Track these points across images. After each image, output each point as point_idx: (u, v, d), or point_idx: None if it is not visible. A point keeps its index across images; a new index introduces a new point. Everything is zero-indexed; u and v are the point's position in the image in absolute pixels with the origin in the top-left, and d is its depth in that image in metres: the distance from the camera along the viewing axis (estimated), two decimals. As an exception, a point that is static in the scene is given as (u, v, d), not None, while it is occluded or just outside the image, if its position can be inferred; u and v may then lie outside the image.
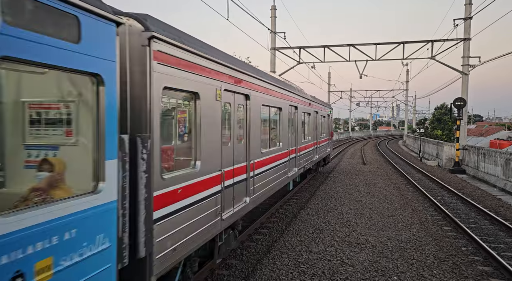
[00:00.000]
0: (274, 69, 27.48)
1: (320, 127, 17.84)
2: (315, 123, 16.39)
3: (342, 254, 8.22)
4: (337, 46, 27.58)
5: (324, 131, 19.56)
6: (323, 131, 19.16)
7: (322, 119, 18.47)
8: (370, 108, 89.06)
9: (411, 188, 17.11)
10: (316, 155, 16.82)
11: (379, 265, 7.66)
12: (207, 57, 5.32)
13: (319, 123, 17.49)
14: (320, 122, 17.98)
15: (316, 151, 16.81)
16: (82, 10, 2.94)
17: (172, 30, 4.59)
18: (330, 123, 22.36)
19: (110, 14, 3.23)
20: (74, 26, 2.89)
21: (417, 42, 26.04)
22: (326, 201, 13.77)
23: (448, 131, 46.48)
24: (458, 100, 23.78)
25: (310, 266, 7.52)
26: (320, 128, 17.84)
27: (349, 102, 77.29)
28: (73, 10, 2.86)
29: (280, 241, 9.05)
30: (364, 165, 25.96)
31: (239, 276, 7.01)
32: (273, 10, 26.70)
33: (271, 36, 26.46)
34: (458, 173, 22.63)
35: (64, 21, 2.79)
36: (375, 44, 26.62)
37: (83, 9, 2.95)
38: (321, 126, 18.20)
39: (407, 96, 68.40)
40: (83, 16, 2.94)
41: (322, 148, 18.39)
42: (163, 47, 4.19)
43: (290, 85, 12.21)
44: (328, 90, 62.33)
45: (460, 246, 8.98)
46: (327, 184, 17.64)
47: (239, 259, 7.85)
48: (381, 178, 19.97)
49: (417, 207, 13.11)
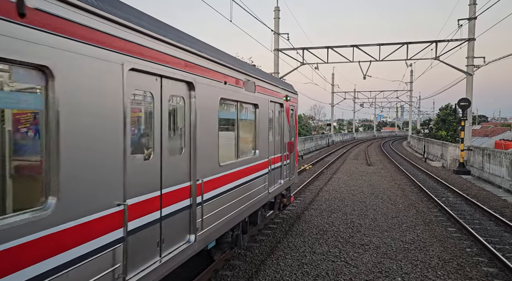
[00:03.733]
0: (277, 70, 27.51)
1: (268, 131, 8.54)
2: (259, 123, 7.93)
3: (346, 255, 8.20)
4: (341, 47, 27.55)
5: (278, 139, 9.48)
6: (275, 138, 9.21)
7: (271, 114, 8.89)
8: (374, 109, 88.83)
9: (415, 189, 17.04)
10: (253, 202, 7.55)
11: (383, 266, 7.64)
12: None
13: (264, 123, 8.24)
14: (268, 119, 8.60)
15: (254, 188, 7.63)
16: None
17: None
18: (286, 122, 10.17)
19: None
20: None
21: (421, 43, 25.96)
22: (329, 202, 13.75)
23: (452, 131, 46.25)
24: (462, 101, 23.67)
25: (313, 267, 7.51)
26: (267, 133, 8.50)
27: (353, 103, 77.17)
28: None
29: (284, 242, 9.05)
30: (368, 166, 25.89)
31: (242, 277, 7.02)
32: (276, 11, 26.74)
33: (274, 37, 26.50)
34: (463, 174, 22.50)
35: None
36: (379, 45, 26.57)
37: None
38: (269, 129, 8.68)
39: (411, 96, 68.23)
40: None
41: (271, 178, 8.76)
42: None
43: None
44: (332, 91, 62.29)
45: (465, 247, 8.93)
46: (331, 185, 17.61)
47: (243, 260, 7.86)
48: (385, 179, 19.90)
49: (422, 208, 13.05)
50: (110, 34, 3.45)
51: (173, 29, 4.88)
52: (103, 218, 3.40)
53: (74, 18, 3.03)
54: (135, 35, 3.80)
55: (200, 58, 5.16)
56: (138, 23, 3.89)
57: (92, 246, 3.26)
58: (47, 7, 2.79)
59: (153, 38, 4.12)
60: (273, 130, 9.01)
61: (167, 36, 4.41)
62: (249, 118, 7.60)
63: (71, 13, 3.01)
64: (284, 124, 9.96)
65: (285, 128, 10.07)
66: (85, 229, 3.18)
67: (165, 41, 4.34)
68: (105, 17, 3.36)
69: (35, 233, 2.70)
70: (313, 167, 25.09)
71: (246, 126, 7.48)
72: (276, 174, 9.17)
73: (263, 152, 8.12)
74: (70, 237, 3.02)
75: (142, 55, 3.93)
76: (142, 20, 4.05)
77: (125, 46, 3.65)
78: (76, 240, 3.08)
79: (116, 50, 3.52)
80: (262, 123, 8.08)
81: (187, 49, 4.80)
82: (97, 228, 3.31)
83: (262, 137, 8.06)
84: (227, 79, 6.11)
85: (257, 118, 7.77)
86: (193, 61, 4.98)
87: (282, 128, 9.79)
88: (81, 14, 3.10)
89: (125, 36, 3.65)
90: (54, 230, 2.87)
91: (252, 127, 7.72)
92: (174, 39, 4.55)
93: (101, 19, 3.33)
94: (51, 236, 2.84)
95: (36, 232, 2.71)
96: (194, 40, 5.40)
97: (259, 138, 7.85)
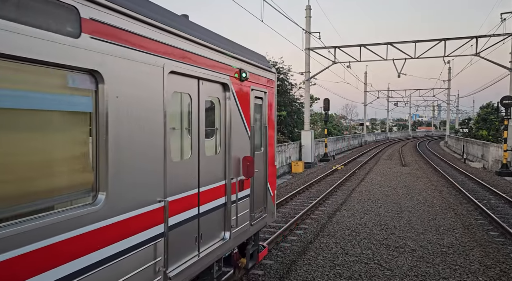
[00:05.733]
0: (308, 69, 27.29)
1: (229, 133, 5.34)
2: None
3: (380, 257, 8.00)
4: (374, 44, 26.91)
5: (212, 156, 4.95)
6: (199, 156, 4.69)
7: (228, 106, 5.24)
8: (409, 108, 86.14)
9: (453, 190, 16.34)
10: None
11: (419, 269, 7.38)
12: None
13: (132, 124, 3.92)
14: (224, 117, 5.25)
15: None
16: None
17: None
18: (240, 119, 5.57)
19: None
20: None
21: (460, 39, 24.88)
22: (362, 203, 13.46)
23: (494, 131, 43.92)
24: (505, 99, 22.45)
25: (346, 269, 7.38)
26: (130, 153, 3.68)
27: (387, 102, 75.15)
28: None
29: (315, 242, 8.96)
30: (402, 167, 25.12)
31: (274, 277, 7.01)
32: (307, 10, 26.51)
33: (305, 36, 26.28)
34: (506, 175, 21.35)
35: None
36: (414, 42, 25.72)
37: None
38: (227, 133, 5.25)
39: (449, 95, 65.51)
40: None
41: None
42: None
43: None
44: (365, 90, 60.99)
45: (509, 253, 8.46)
46: (364, 186, 17.24)
47: (274, 259, 7.85)
48: (421, 180, 19.23)
49: (460, 210, 12.49)
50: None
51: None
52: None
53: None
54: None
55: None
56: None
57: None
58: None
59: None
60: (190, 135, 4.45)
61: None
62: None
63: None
64: (236, 124, 5.34)
65: (238, 131, 5.40)
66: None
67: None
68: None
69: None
70: (345, 167, 24.68)
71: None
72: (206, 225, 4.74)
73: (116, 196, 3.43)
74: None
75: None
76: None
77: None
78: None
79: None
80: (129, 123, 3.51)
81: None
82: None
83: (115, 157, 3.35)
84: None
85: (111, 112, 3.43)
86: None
87: (229, 133, 5.15)
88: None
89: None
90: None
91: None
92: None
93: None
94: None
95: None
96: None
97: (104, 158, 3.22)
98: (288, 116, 32.03)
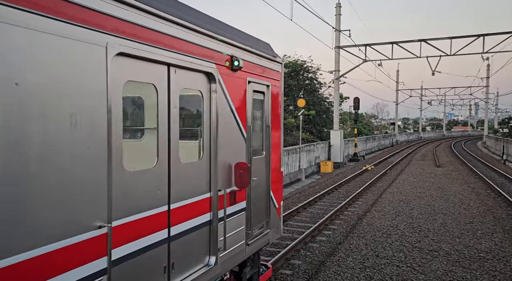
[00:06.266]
0: (338, 68, 26.87)
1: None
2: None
3: (412, 261, 7.74)
4: (407, 42, 26.08)
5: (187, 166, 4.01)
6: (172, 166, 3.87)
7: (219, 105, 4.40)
8: (444, 107, 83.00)
9: (492, 193, 15.57)
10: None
11: (455, 275, 7.08)
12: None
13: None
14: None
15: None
16: None
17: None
18: (232, 117, 4.64)
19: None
20: None
21: (500, 34, 23.65)
22: (393, 204, 13.09)
23: (537, 131, 41.53)
24: (550, 96, 21.13)
25: (377, 271, 7.19)
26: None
27: (420, 100, 72.73)
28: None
29: (345, 243, 8.79)
30: (437, 168, 24.23)
31: (302, 277, 6.94)
32: (337, 7, 26.11)
33: (335, 34, 25.88)
34: (550, 178, 20.09)
35: None
36: (450, 38, 24.70)
37: None
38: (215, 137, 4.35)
39: (487, 93, 62.43)
40: None
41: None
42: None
43: None
44: (396, 88, 59.33)
45: (554, 260, 7.96)
46: (395, 186, 16.76)
47: (303, 259, 7.78)
48: (456, 181, 18.47)
49: (500, 214, 11.89)
50: None
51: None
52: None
53: None
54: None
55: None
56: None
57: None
58: None
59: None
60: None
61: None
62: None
63: None
64: (226, 124, 4.49)
65: (228, 132, 4.53)
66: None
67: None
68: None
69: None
70: (375, 167, 24.11)
71: None
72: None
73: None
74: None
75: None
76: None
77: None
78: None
79: None
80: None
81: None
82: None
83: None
84: None
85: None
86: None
87: (215, 134, 4.25)
88: None
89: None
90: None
91: None
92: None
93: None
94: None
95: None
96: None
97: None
98: (317, 115, 31.67)
